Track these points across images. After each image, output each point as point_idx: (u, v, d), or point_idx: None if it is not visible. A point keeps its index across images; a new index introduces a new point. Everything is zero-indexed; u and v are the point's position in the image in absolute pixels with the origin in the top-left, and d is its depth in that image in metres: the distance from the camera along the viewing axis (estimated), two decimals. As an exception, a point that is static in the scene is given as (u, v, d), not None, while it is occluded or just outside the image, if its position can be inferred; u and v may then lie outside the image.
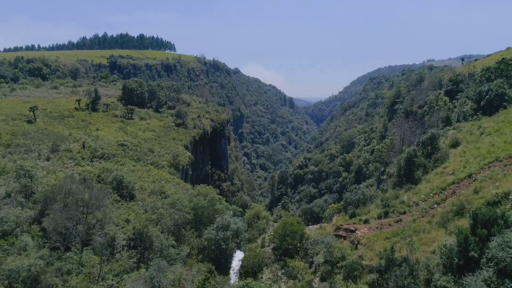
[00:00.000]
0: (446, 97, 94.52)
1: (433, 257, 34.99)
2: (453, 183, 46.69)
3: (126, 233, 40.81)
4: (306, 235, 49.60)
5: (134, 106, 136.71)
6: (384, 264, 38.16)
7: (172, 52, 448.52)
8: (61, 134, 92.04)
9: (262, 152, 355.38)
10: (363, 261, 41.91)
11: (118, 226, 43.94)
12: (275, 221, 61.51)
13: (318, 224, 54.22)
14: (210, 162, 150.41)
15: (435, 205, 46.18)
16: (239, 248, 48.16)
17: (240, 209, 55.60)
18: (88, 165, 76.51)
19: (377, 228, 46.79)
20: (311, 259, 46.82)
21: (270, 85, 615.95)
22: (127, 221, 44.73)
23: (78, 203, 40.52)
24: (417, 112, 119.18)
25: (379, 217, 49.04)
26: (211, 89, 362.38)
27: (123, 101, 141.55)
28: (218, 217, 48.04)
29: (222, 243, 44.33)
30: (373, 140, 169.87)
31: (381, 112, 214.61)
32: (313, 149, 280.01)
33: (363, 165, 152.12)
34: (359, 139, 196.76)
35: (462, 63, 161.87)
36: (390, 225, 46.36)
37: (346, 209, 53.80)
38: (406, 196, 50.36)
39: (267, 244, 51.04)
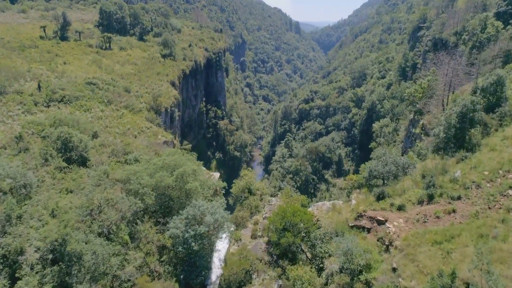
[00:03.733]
0: (499, 22, 73.99)
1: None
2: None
3: (44, 239, 26.78)
4: (313, 222, 35.34)
5: (114, 34, 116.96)
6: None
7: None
8: (17, 70, 74.71)
9: (266, 82, 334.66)
10: (400, 279, 28.02)
11: (38, 222, 29.85)
12: (272, 195, 47.75)
13: (331, 203, 40.08)
14: (204, 99, 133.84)
15: (510, 190, 31.13)
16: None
17: (225, 185, 41.30)
18: (42, 111, 61.05)
19: (418, 221, 32.26)
20: (320, 263, 33.12)
21: (274, 8, 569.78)
22: (53, 214, 30.47)
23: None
24: (448, 41, 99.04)
25: (420, 202, 34.35)
26: (210, 13, 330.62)
27: (100, 27, 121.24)
28: (191, 201, 33.83)
29: (193, 243, 30.56)
30: (390, 73, 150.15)
31: (398, 39, 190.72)
32: (320, 79, 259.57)
33: (377, 102, 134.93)
34: (372, 70, 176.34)
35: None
36: (438, 217, 31.78)
37: (371, 185, 39.01)
38: (460, 170, 35.04)
39: (260, 234, 37.26)
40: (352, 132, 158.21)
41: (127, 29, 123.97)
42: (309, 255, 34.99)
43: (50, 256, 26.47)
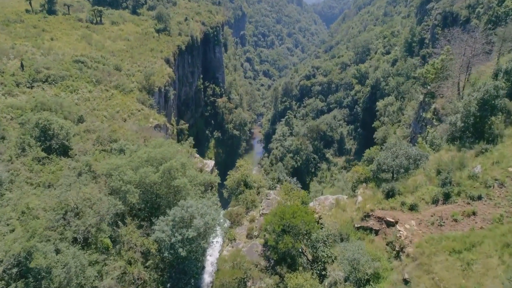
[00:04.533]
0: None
1: None
2: None
3: (5, 253, 23.21)
4: (315, 222, 31.94)
5: (105, 7, 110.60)
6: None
7: None
8: (0, 47, 69.78)
9: (266, 57, 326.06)
10: (413, 293, 24.85)
11: (6, 227, 26.39)
12: (270, 188, 44.19)
13: (334, 198, 36.57)
14: (201, 76, 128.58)
15: (539, 192, 27.53)
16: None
17: (218, 179, 37.63)
18: (24, 93, 56.82)
19: (433, 224, 28.80)
20: (322, 268, 29.92)
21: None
22: (22, 218, 26.80)
23: None
24: (459, 15, 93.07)
25: (435, 202, 30.78)
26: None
27: (91, 0, 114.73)
28: (180, 199, 30.31)
29: (181, 249, 27.27)
30: (395, 48, 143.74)
31: (404, 12, 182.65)
32: (321, 54, 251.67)
33: (382, 79, 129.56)
34: (376, 45, 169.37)
35: None
36: (455, 220, 28.31)
37: (379, 178, 35.38)
38: (480, 165, 31.28)
39: (256, 234, 33.91)
40: (354, 110, 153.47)
41: (119, 1, 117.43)
42: (310, 256, 31.84)
43: (15, 270, 23.14)
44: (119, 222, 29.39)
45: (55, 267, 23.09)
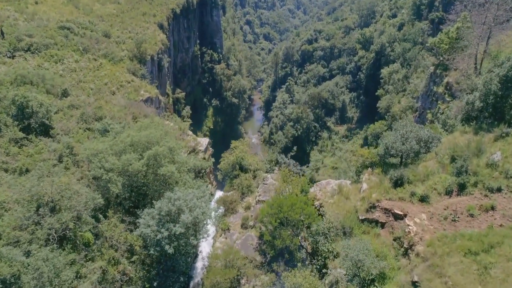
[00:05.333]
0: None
1: None
2: None
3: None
4: (315, 213, 29.28)
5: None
6: None
7: None
8: (-21, 12, 64.91)
9: (267, 19, 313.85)
10: (423, 299, 22.52)
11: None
12: (267, 172, 41.12)
13: (337, 183, 33.72)
14: (198, 41, 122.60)
15: None
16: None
17: (210, 164, 34.52)
18: (5, 64, 52.90)
19: (446, 218, 26.08)
20: (322, 263, 27.58)
21: None
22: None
23: None
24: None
25: (449, 193, 27.91)
26: None
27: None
28: (168, 189, 27.49)
29: (167, 246, 24.76)
30: (402, 11, 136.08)
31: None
32: (324, 16, 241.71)
33: (387, 44, 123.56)
34: (382, 8, 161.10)
35: None
36: (471, 215, 25.56)
37: (386, 163, 32.39)
38: (500, 151, 28.14)
39: (251, 224, 31.36)
40: (357, 76, 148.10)
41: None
42: (309, 248, 29.49)
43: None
44: (100, 216, 26.70)
45: (25, 273, 20.60)
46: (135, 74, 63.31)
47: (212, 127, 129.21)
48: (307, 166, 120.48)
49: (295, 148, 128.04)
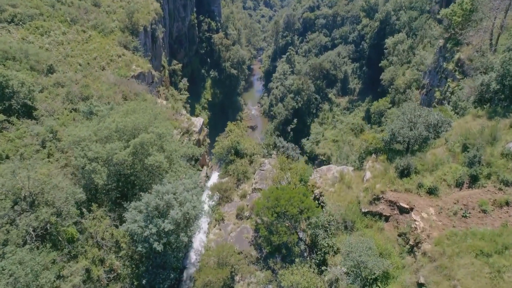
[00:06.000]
0: None
1: None
2: None
3: None
4: (315, 206, 27.39)
5: None
6: None
7: None
8: (-42, -21, 60.61)
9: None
10: (430, 304, 21.01)
11: None
12: (264, 156, 38.78)
13: (338, 170, 31.66)
14: (195, 9, 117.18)
15: None
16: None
17: (201, 151, 32.21)
18: (-14, 37, 49.68)
19: (455, 214, 24.20)
20: (322, 259, 26.01)
21: None
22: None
23: None
24: None
25: (459, 185, 25.90)
26: None
27: None
28: (159, 178, 25.45)
29: (156, 243, 23.09)
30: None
31: None
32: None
33: (393, 13, 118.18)
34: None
35: None
36: (484, 211, 23.66)
37: (391, 150, 30.22)
38: (517, 140, 25.89)
39: (247, 215, 29.62)
40: (360, 46, 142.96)
41: None
42: (308, 240, 27.88)
43: None
44: (84, 210, 24.85)
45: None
46: (127, 47, 59.96)
47: (210, 99, 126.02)
48: (308, 139, 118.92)
49: (295, 120, 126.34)
